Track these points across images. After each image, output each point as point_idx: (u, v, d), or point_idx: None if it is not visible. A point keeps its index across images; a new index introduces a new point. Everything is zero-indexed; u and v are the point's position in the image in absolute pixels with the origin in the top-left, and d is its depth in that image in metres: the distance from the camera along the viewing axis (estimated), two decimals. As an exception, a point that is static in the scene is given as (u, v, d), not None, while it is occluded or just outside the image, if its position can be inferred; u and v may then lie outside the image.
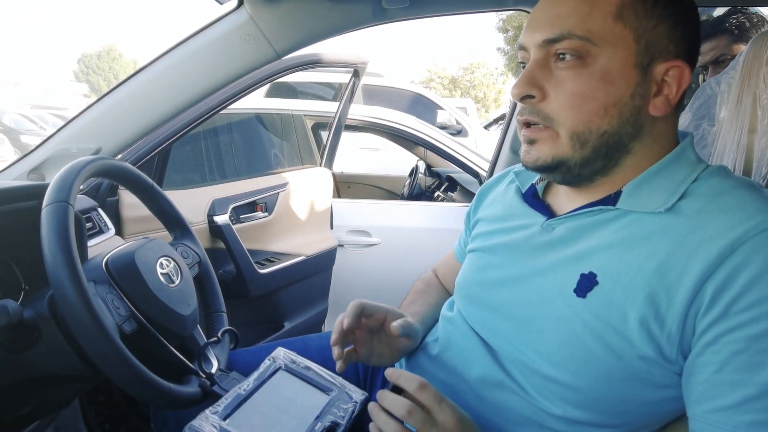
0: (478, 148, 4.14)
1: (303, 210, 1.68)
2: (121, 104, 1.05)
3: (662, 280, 0.49)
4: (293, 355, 0.70)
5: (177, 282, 0.74)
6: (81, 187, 0.89)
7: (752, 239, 0.46)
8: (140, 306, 0.67)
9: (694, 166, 0.54)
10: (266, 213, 1.57)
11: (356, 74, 1.73)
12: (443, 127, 4.26)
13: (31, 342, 0.62)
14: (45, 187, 0.62)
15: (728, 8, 1.28)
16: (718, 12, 1.38)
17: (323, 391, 0.65)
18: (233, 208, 1.45)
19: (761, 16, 1.26)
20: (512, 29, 18.48)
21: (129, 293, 0.67)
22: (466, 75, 29.03)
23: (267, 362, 0.68)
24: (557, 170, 0.56)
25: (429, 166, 2.64)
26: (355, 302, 0.66)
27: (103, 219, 1.05)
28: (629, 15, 0.51)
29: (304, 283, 1.66)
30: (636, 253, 0.51)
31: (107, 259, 0.69)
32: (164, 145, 1.22)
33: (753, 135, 0.69)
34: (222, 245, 1.42)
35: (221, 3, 0.99)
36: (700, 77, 1.37)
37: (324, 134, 2.32)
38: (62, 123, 1.10)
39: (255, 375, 0.65)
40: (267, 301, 1.57)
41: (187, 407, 0.65)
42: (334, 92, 3.69)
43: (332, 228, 1.80)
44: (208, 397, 0.68)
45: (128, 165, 0.79)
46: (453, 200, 2.32)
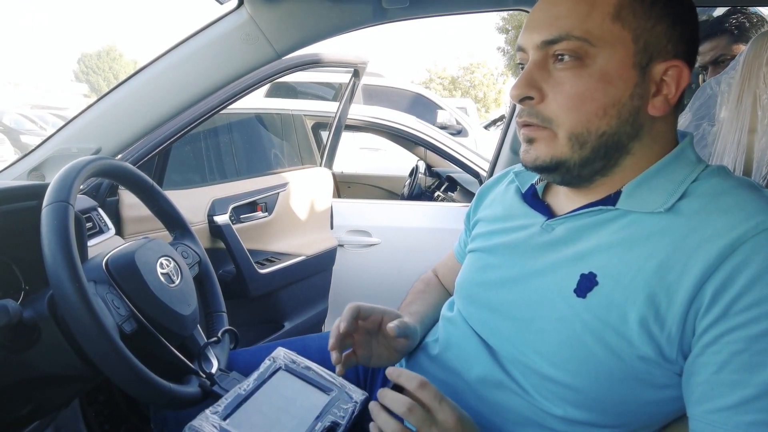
0: (478, 148, 4.14)
1: (303, 210, 1.68)
2: (121, 104, 1.06)
3: (662, 281, 0.49)
4: (293, 355, 0.70)
5: (177, 282, 0.74)
6: (81, 187, 0.89)
7: (752, 239, 0.46)
8: (140, 306, 0.67)
9: (694, 166, 0.54)
10: (266, 213, 1.57)
11: (356, 74, 1.73)
12: (443, 127, 4.26)
13: (31, 342, 0.62)
14: (45, 187, 0.63)
15: (728, 8, 1.28)
16: (718, 12, 1.38)
17: (323, 391, 0.65)
18: (233, 208, 1.45)
19: (761, 16, 1.25)
20: (512, 29, 18.46)
21: (129, 293, 0.67)
22: (466, 75, 28.98)
23: (267, 362, 0.68)
24: (556, 171, 0.56)
25: (429, 166, 2.63)
26: (351, 305, 0.66)
27: (103, 219, 1.05)
28: (627, 15, 0.51)
29: (304, 283, 1.66)
30: (636, 254, 0.51)
31: (107, 259, 0.70)
32: (164, 145, 1.23)
33: (753, 135, 0.69)
34: (222, 245, 1.42)
35: (221, 3, 0.99)
36: (700, 77, 1.37)
37: (324, 134, 2.32)
38: (62, 123, 1.11)
39: (255, 375, 0.65)
40: (267, 301, 1.57)
41: (187, 407, 0.65)
42: (334, 92, 3.69)
43: (332, 228, 1.80)
44: (208, 397, 0.68)
45: (128, 165, 0.79)
46: (453, 200, 2.31)
